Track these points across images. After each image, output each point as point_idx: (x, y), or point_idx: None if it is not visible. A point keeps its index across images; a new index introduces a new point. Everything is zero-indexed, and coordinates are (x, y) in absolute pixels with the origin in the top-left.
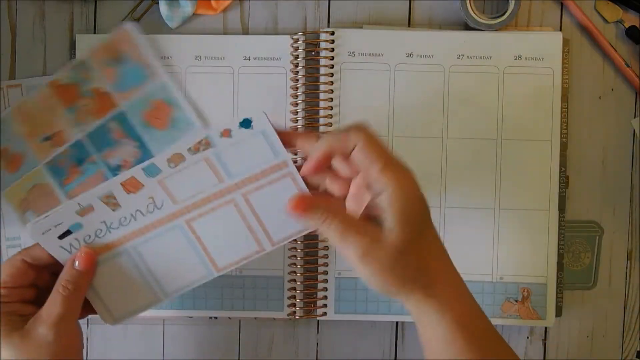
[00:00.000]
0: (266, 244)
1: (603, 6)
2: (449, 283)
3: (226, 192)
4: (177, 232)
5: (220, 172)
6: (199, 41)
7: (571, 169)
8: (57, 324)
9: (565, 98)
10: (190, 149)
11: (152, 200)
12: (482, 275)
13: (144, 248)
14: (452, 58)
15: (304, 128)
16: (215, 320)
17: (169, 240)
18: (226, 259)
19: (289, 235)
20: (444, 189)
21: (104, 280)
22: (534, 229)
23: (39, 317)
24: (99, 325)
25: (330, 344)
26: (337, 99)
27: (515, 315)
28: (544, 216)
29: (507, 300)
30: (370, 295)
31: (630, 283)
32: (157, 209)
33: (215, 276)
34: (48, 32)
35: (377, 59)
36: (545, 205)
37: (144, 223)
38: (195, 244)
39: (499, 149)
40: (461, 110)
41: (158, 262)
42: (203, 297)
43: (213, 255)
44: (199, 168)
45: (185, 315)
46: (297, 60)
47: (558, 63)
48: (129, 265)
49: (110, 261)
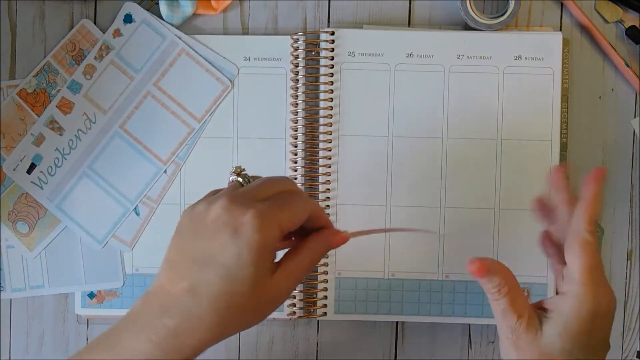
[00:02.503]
0: (193, 122)
1: (603, 6)
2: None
3: (141, 87)
4: (116, 140)
5: (128, 71)
6: (198, 42)
7: (571, 169)
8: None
9: (565, 98)
10: (95, 57)
11: (86, 116)
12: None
13: (97, 165)
14: (452, 58)
15: (304, 128)
16: None
17: (113, 150)
18: (166, 149)
19: (209, 107)
20: (444, 188)
21: (77, 208)
22: (534, 229)
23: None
24: (99, 325)
25: (330, 344)
26: (337, 99)
27: None
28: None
29: None
30: (371, 295)
31: (630, 283)
32: (93, 124)
33: (163, 170)
34: (48, 32)
35: (377, 59)
36: None
37: (88, 141)
38: (136, 145)
39: (498, 148)
40: (461, 110)
41: (113, 173)
42: None
43: (153, 150)
44: (110, 72)
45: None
46: (297, 61)
47: (558, 63)
48: (92, 186)
49: (76, 188)
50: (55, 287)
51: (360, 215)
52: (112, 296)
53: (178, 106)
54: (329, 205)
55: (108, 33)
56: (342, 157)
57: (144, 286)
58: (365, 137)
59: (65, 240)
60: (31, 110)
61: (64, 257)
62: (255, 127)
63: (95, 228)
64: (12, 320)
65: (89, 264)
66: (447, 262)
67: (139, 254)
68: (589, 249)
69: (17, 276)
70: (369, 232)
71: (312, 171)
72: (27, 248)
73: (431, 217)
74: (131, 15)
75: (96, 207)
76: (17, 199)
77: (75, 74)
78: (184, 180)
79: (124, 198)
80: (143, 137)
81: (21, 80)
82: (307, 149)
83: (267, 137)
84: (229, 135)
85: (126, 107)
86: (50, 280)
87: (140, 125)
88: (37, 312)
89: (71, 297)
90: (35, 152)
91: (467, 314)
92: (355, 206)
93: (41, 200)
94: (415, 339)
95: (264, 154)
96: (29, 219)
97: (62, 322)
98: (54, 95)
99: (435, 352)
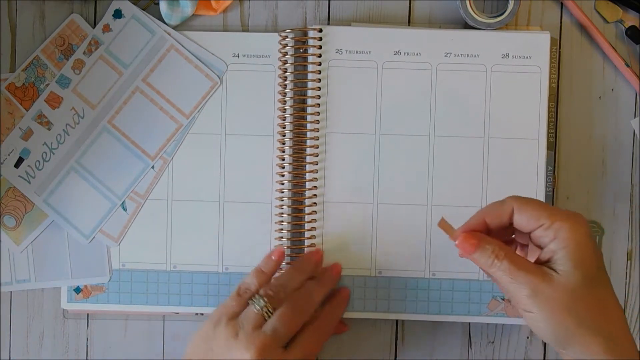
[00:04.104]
0: (181, 118)
1: (603, 6)
2: (630, 341)
3: (129, 83)
4: (105, 135)
5: (117, 66)
6: (189, 38)
7: (571, 169)
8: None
9: (553, 97)
10: (84, 52)
11: (74, 111)
12: (468, 273)
13: (85, 160)
14: (440, 56)
15: (292, 125)
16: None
17: (101, 145)
18: (154, 145)
19: (197, 103)
20: (431, 186)
21: (65, 202)
22: None
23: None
24: (99, 325)
25: (330, 344)
26: (325, 97)
27: (501, 314)
28: None
29: (494, 298)
30: (369, 293)
31: (630, 283)
32: (82, 119)
33: (151, 165)
34: (48, 32)
35: (364, 56)
36: None
37: (76, 136)
38: (124, 141)
39: (485, 147)
40: (448, 108)
41: (101, 168)
42: (204, 294)
43: (141, 145)
44: (99, 67)
45: (186, 312)
46: (286, 58)
47: (546, 62)
48: (80, 181)
49: (63, 182)
50: (42, 282)
51: (347, 213)
52: (98, 291)
53: (166, 102)
54: (316, 203)
55: (97, 28)
56: (330, 155)
57: (130, 281)
58: (353, 135)
59: (52, 235)
60: (20, 104)
61: (50, 251)
62: (243, 123)
63: (82, 223)
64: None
65: (75, 259)
66: (434, 260)
67: (126, 249)
68: (517, 197)
69: (4, 270)
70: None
71: (300, 168)
72: (13, 242)
73: (418, 215)
74: (121, 11)
75: (83, 202)
76: (4, 193)
77: (64, 69)
78: (171, 176)
79: (111, 193)
80: (131, 132)
81: (10, 74)
82: (294, 146)
83: (255, 134)
84: (217, 131)
85: (115, 102)
86: (36, 274)
87: (128, 120)
88: (36, 311)
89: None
90: (23, 147)
91: (453, 312)
92: (343, 204)
93: (28, 194)
94: (415, 339)
95: (251, 151)
96: (16, 213)
97: (62, 321)
98: (43, 90)
99: (436, 352)
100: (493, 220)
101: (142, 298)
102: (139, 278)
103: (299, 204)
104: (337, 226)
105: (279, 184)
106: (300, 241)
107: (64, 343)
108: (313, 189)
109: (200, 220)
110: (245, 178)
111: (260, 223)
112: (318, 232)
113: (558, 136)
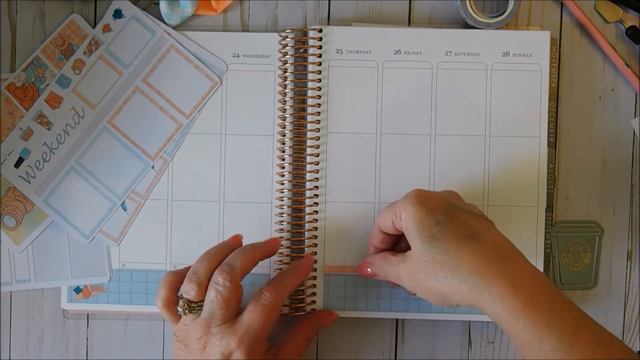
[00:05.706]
0: (181, 118)
1: (603, 6)
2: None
3: (129, 83)
4: (105, 135)
5: (117, 66)
6: (189, 38)
7: (571, 168)
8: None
9: (553, 97)
10: (84, 52)
11: (74, 111)
12: None
13: (85, 160)
14: (440, 55)
15: (292, 125)
16: None
17: (101, 145)
18: (154, 145)
19: (197, 103)
20: (432, 185)
21: (65, 202)
22: (522, 225)
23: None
24: (99, 325)
25: (330, 344)
26: (325, 96)
27: None
28: (531, 213)
29: None
30: (360, 291)
31: (630, 283)
32: (82, 119)
33: (151, 165)
34: (48, 32)
35: (365, 56)
36: (534, 202)
37: (76, 136)
38: (124, 141)
39: (487, 145)
40: (449, 107)
41: (101, 168)
42: None
43: (141, 145)
44: (99, 67)
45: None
46: (286, 58)
47: (546, 59)
48: (80, 181)
49: (63, 182)
50: (42, 282)
51: (347, 213)
52: (98, 291)
53: (166, 102)
54: (317, 203)
55: (97, 28)
56: (330, 154)
57: (131, 281)
58: (353, 134)
59: (52, 235)
60: (20, 104)
61: (50, 251)
62: (244, 123)
63: (82, 223)
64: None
65: (75, 259)
66: None
67: (126, 249)
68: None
69: (4, 270)
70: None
71: (300, 168)
72: (13, 242)
73: None
74: (121, 11)
75: (83, 202)
76: (4, 193)
77: (64, 69)
78: (171, 176)
79: (111, 193)
80: (131, 132)
81: (10, 74)
82: (294, 146)
83: (255, 134)
84: (217, 131)
85: (115, 102)
86: (36, 274)
87: (128, 120)
88: (36, 311)
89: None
90: (23, 147)
91: (454, 310)
92: (343, 203)
93: (28, 194)
94: (415, 339)
95: (251, 151)
96: (16, 213)
97: (62, 321)
98: (43, 90)
99: (436, 351)
100: (387, 231)
101: (142, 298)
102: (139, 278)
103: (299, 204)
104: (338, 226)
105: (279, 184)
106: (301, 241)
107: (64, 343)
108: (313, 189)
109: (200, 220)
110: (245, 178)
111: (260, 223)
112: (318, 232)
113: (558, 136)
